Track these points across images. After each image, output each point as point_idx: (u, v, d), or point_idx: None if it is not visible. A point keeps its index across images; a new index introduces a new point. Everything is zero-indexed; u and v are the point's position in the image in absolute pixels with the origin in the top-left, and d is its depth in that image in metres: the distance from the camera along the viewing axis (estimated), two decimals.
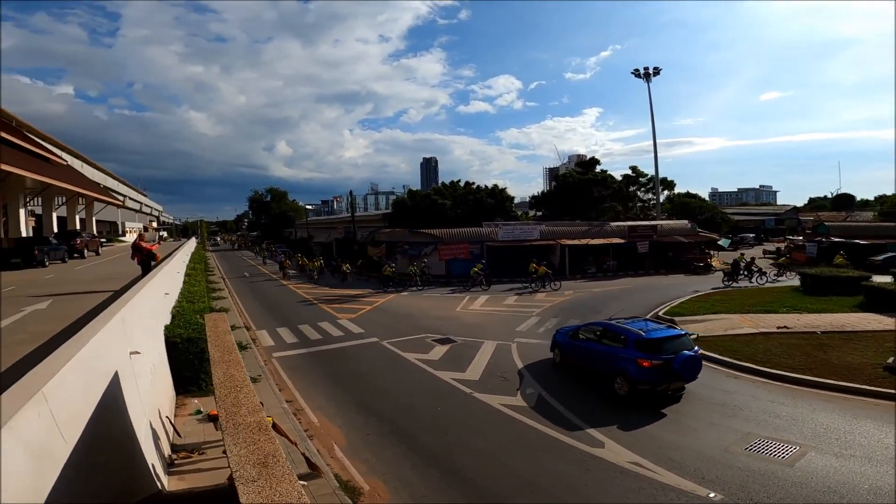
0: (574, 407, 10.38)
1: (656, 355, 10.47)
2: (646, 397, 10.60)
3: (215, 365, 5.41)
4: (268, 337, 17.27)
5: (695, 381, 11.35)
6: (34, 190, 30.32)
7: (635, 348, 10.74)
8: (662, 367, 10.34)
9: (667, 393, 10.70)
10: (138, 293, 8.38)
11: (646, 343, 10.74)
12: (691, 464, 7.95)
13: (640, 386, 10.49)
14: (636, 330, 11.23)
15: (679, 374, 10.39)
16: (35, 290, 14.51)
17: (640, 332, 11.11)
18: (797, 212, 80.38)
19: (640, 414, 9.94)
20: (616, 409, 10.23)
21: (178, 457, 8.33)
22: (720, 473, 7.62)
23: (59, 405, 3.66)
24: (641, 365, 10.42)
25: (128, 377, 6.09)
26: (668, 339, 10.91)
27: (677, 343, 10.87)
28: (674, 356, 10.40)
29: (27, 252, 21.72)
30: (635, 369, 10.49)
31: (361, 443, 9.04)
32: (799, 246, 40.43)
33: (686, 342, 11.03)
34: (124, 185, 69.03)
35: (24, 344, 8.04)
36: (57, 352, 4.36)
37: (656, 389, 10.51)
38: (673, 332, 11.49)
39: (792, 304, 19.70)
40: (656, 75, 50.44)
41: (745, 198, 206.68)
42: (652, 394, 10.55)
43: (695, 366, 10.68)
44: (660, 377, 10.39)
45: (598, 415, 9.99)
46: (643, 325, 11.67)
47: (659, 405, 10.33)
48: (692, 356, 10.58)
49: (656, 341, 10.78)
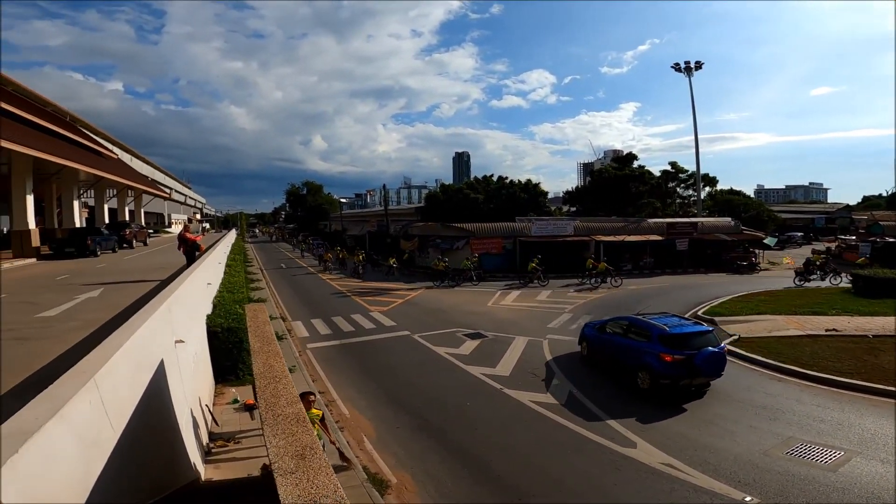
0: (604, 404, 10.23)
1: (679, 350, 10.46)
2: (678, 395, 10.49)
3: (255, 355, 5.57)
4: (303, 328, 17.71)
5: (736, 384, 11.21)
6: (87, 182, 31.93)
7: (658, 343, 10.76)
8: (684, 362, 10.33)
9: (689, 388, 10.65)
10: (183, 283, 8.73)
11: (669, 338, 10.72)
12: (727, 467, 7.72)
13: (662, 380, 10.52)
14: (661, 325, 11.23)
15: (700, 369, 10.33)
16: (87, 279, 15.33)
17: (665, 326, 11.10)
18: (850, 210, 76.04)
19: (674, 414, 9.69)
20: (650, 409, 9.99)
21: (216, 445, 8.65)
22: (757, 477, 7.40)
23: (109, 393, 3.85)
24: (663, 359, 10.45)
25: (172, 365, 6.36)
26: (691, 335, 10.83)
27: (701, 339, 10.79)
28: (696, 352, 10.38)
29: (81, 242, 22.93)
30: (657, 363, 10.54)
31: (390, 436, 9.17)
32: (851, 246, 38.34)
33: (711, 339, 10.92)
34: (170, 177, 71.90)
35: (76, 331, 8.52)
36: (107, 340, 4.59)
37: (678, 384, 10.51)
38: (698, 328, 11.35)
39: (842, 306, 18.73)
40: (698, 69, 48.56)
41: (793, 195, 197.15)
42: (674, 388, 10.52)
43: (718, 362, 10.59)
44: (681, 372, 10.38)
45: (630, 412, 9.80)
46: (669, 321, 11.61)
47: (693, 405, 10.07)
48: (715, 352, 10.50)
49: (680, 336, 10.74)
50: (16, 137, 18.95)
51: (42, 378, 5.76)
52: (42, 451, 2.68)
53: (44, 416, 2.84)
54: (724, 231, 38.15)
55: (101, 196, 35.95)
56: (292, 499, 2.56)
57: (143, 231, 34.22)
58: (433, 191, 59.90)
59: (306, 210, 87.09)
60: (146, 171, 52.69)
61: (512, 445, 8.64)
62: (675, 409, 10.04)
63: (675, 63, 48.84)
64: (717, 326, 16.85)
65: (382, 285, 28.34)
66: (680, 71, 48.85)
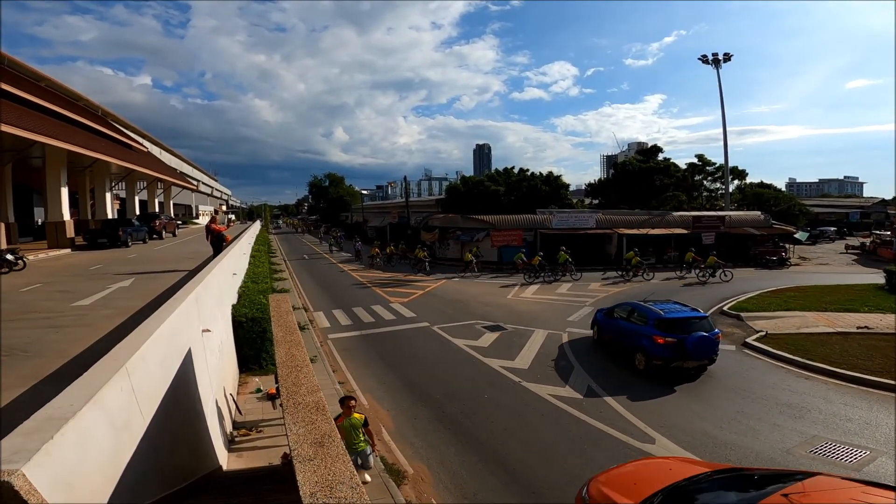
0: (624, 399, 10.14)
1: (671, 334, 11.31)
2: (671, 376, 11.32)
3: (278, 345, 5.72)
4: (324, 318, 18.01)
5: (761, 382, 11.16)
6: (118, 175, 32.93)
7: (654, 326, 11.63)
8: (676, 344, 11.17)
9: (681, 370, 11.40)
10: (210, 273, 8.98)
11: (663, 322, 11.61)
12: (747, 465, 7.58)
13: (655, 361, 11.43)
14: (657, 310, 12.15)
15: (691, 352, 11.08)
16: (120, 269, 15.89)
17: (661, 311, 12.02)
18: (886, 205, 73.02)
19: (702, 415, 9.57)
20: (672, 404, 9.89)
21: (239, 434, 8.92)
22: None
23: (140, 380, 4.02)
24: (656, 342, 11.37)
25: (199, 354, 6.57)
26: (684, 320, 11.64)
27: (694, 324, 11.56)
28: (687, 336, 11.16)
29: (112, 233, 23.72)
30: (651, 345, 11.47)
31: (408, 427, 9.31)
32: (885, 241, 36.91)
33: (704, 325, 11.65)
34: (198, 170, 73.55)
35: (110, 319, 8.87)
36: (139, 328, 4.77)
37: (670, 366, 11.35)
38: (692, 314, 12.06)
39: (875, 303, 18.12)
40: (727, 62, 47.04)
41: (826, 189, 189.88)
42: (666, 369, 11.37)
43: (708, 346, 11.27)
44: (673, 354, 11.22)
45: (650, 408, 9.70)
46: (667, 307, 12.47)
47: (717, 398, 9.92)
48: (705, 336, 11.20)
49: (673, 321, 11.60)
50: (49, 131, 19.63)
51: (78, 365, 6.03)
52: (76, 437, 2.83)
53: (79, 403, 2.99)
54: (753, 225, 37.13)
55: (131, 188, 37.03)
56: (310, 485, 2.65)
57: (172, 222, 35.16)
58: (454, 183, 59.76)
59: (328, 202, 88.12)
60: (174, 164, 53.99)
61: (529, 439, 8.67)
62: (695, 398, 9.93)
63: (703, 55, 47.44)
64: (743, 322, 16.56)
65: (403, 276, 28.55)
66: (708, 63, 47.41)
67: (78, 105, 29.77)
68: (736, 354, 13.24)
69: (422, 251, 30.58)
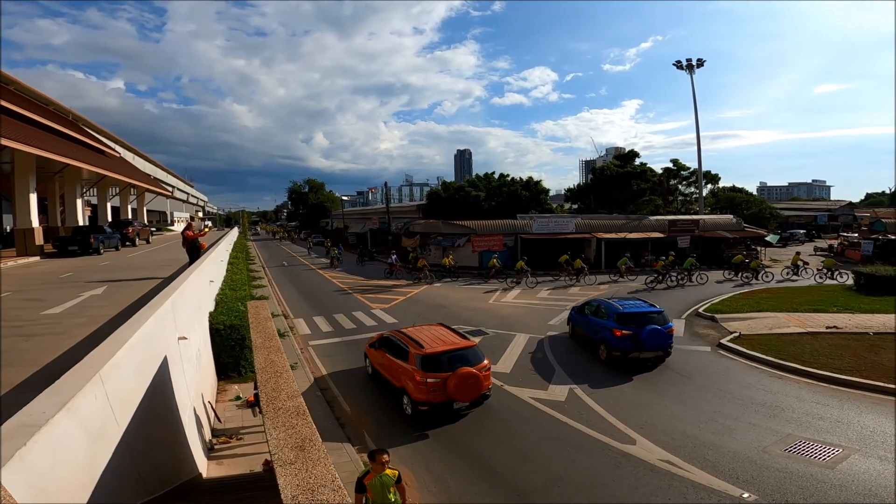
0: (604, 401, 10.27)
1: (627, 326, 12.37)
2: (629, 365, 12.21)
3: (257, 350, 5.65)
4: (304, 325, 17.79)
5: (737, 382, 11.47)
6: (90, 181, 32.04)
7: (613, 320, 12.74)
8: (631, 337, 12.24)
9: (639, 360, 12.40)
10: (186, 280, 8.80)
11: (621, 316, 12.71)
12: (726, 463, 7.79)
13: (613, 352, 12.49)
14: (617, 305, 13.35)
15: (644, 343, 12.12)
16: (91, 276, 15.43)
17: (620, 306, 13.19)
18: (853, 208, 75.73)
19: (680, 415, 9.74)
20: (652, 405, 10.05)
21: (218, 441, 8.74)
22: (756, 474, 7.46)
23: (114, 387, 3.92)
24: (615, 334, 12.45)
25: (176, 362, 6.43)
26: (640, 315, 12.69)
27: (649, 318, 12.59)
28: (641, 329, 12.19)
29: (84, 240, 23.01)
30: (611, 337, 12.56)
31: (390, 431, 9.25)
32: (853, 243, 38.26)
33: (658, 319, 12.67)
34: (173, 176, 72.05)
35: (82, 327, 8.60)
36: (113, 335, 4.65)
37: (628, 356, 12.36)
38: (648, 309, 13.13)
39: (843, 303, 18.75)
40: (699, 67, 48.54)
41: (796, 192, 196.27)
42: (624, 360, 12.38)
43: (660, 338, 12.26)
44: (629, 345, 12.28)
45: (630, 410, 9.85)
46: (627, 303, 13.72)
47: (693, 397, 10.12)
48: (657, 329, 12.23)
49: (630, 315, 12.68)
50: (18, 136, 19.05)
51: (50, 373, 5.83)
52: (50, 444, 2.75)
53: (51, 410, 2.91)
54: (726, 228, 38.10)
55: (103, 194, 36.07)
56: (291, 489, 2.63)
57: (146, 229, 34.34)
58: (435, 188, 59.84)
59: (308, 208, 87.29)
60: (148, 170, 52.81)
61: (512, 442, 8.72)
62: (674, 399, 10.11)
63: (678, 61, 48.81)
64: (717, 323, 16.94)
65: (385, 283, 28.41)
66: (682, 69, 48.78)
67: (48, 109, 28.95)
68: (711, 356, 13.54)
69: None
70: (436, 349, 9.66)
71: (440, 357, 9.54)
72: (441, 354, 9.59)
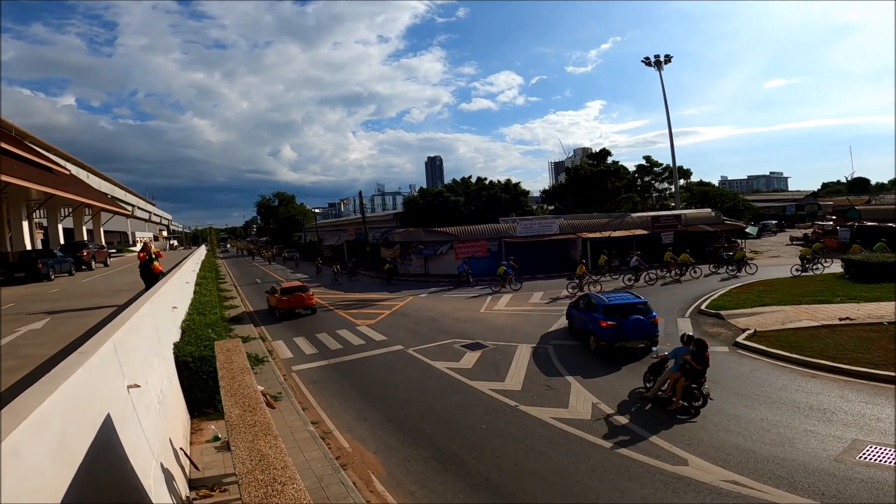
0: (637, 417, 9.13)
1: (612, 318, 12.86)
2: (616, 355, 12.38)
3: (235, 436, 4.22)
4: (285, 348, 16.14)
5: (773, 384, 10.49)
6: (38, 201, 29.49)
7: (601, 312, 13.20)
8: (616, 327, 12.71)
9: (625, 350, 12.85)
10: (138, 311, 7.19)
11: (608, 308, 13.20)
12: (801, 478, 6.84)
13: (601, 342, 13.01)
14: (605, 298, 13.95)
15: (628, 333, 12.56)
16: (36, 307, 13.51)
17: (606, 299, 13.73)
18: (815, 197, 78.18)
19: (725, 427, 8.66)
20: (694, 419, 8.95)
21: (198, 495, 7.20)
22: (842, 488, 6.54)
23: (13, 486, 2.48)
24: (601, 325, 12.94)
25: (127, 417, 4.92)
26: (625, 306, 13.13)
27: (633, 310, 12.99)
28: (625, 319, 12.62)
29: (31, 266, 20.83)
30: (598, 328, 13.04)
31: (402, 471, 7.84)
32: (829, 231, 38.73)
33: (642, 309, 13.07)
34: (132, 194, 68.48)
35: (11, 372, 6.94)
36: (13, 403, 3.11)
37: (614, 346, 12.85)
38: (632, 300, 13.52)
39: (844, 293, 18.26)
40: (668, 63, 49.12)
41: (755, 185, 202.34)
42: (610, 350, 12.87)
43: (643, 328, 12.65)
44: (614, 336, 12.73)
45: (667, 424, 8.71)
46: (615, 296, 14.30)
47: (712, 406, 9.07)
48: (639, 319, 12.64)
49: (615, 307, 13.16)
50: None
51: None
52: None
53: None
54: (707, 222, 38.06)
55: (54, 215, 33.41)
56: None
57: (103, 251, 31.85)
58: (411, 196, 58.38)
59: (279, 222, 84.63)
60: (105, 188, 49.70)
61: (543, 473, 7.44)
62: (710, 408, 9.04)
63: (646, 57, 49.29)
64: (724, 320, 16.14)
65: (365, 296, 26.86)
66: (650, 65, 49.18)
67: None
68: (732, 356, 12.61)
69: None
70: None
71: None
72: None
